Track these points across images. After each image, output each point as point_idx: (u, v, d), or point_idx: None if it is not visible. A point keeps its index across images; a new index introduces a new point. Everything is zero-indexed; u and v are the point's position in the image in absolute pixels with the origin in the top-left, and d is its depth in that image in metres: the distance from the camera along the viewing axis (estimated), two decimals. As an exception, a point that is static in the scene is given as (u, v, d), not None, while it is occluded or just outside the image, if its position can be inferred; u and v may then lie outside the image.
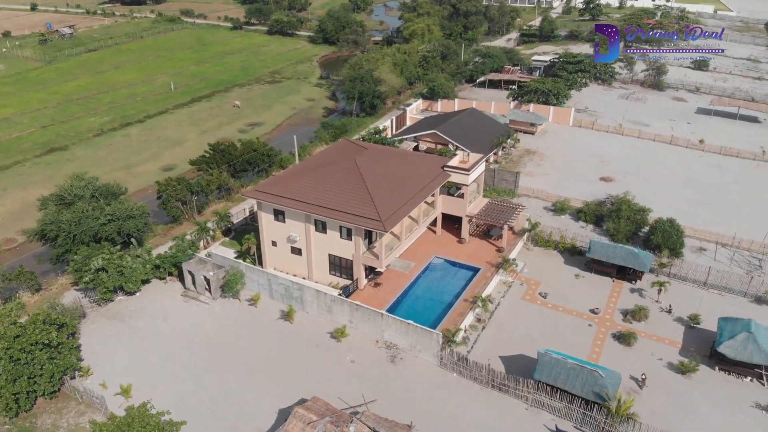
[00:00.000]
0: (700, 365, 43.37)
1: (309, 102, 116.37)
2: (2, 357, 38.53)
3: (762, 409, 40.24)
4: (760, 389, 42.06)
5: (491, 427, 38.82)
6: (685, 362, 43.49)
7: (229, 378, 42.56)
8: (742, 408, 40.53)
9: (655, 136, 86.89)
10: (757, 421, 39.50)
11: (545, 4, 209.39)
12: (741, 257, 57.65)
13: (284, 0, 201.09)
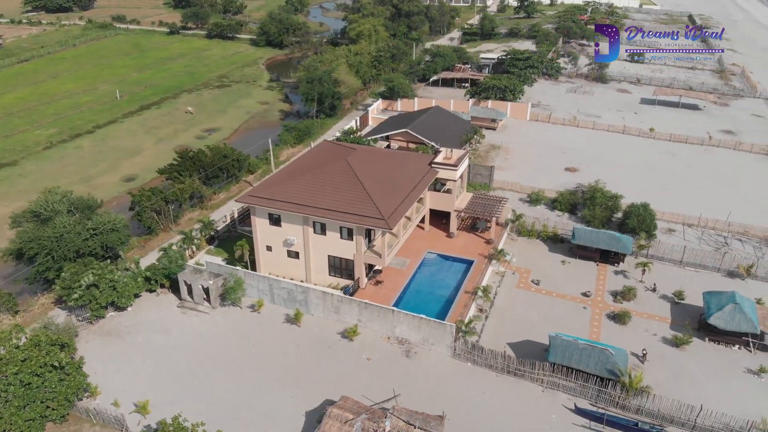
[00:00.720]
0: (692, 338, 46.34)
1: (263, 105, 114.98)
2: (12, 383, 36.65)
3: (754, 374, 43.48)
4: (748, 356, 45.38)
5: (512, 410, 40.18)
6: (679, 336, 46.38)
7: (247, 385, 42.08)
8: (735, 374, 43.67)
9: (608, 127, 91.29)
10: (751, 384, 42.67)
11: (480, 2, 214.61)
12: (708, 236, 61.68)
13: (218, 3, 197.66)
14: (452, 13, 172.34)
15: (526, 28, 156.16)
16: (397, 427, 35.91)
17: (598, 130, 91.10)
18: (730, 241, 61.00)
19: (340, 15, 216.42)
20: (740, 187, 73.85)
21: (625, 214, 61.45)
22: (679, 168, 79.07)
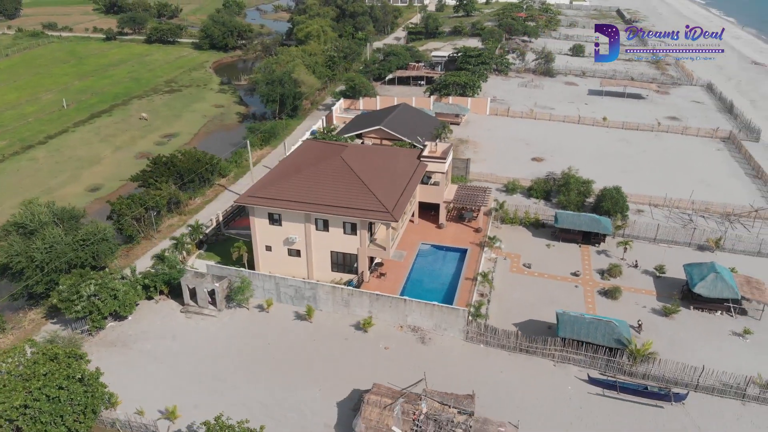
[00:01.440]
0: (680, 307, 49.96)
1: (218, 109, 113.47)
2: (38, 398, 35.52)
3: (739, 335, 47.41)
4: (730, 320, 49.37)
5: (530, 385, 42.26)
6: (668, 306, 49.91)
7: (271, 383, 42.33)
8: (722, 337, 47.49)
9: (564, 117, 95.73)
10: (738, 345, 46.55)
11: (418, 2, 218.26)
12: (674, 215, 66.19)
13: (152, 7, 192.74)
14: (395, 13, 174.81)
15: (469, 26, 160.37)
16: (432, 408, 37.29)
17: (554, 122, 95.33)
18: (694, 218, 65.66)
19: (277, 16, 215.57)
20: (693, 168, 79.34)
21: (599, 197, 65.03)
22: (634, 153, 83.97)
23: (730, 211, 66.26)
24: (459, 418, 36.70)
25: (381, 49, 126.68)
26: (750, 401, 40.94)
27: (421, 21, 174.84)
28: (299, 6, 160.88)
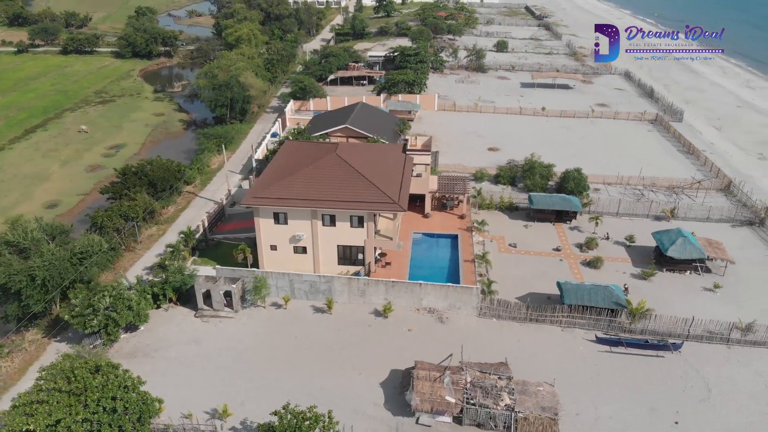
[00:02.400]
0: (656, 271, 55.87)
1: (159, 117, 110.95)
2: (96, 411, 35.29)
3: (710, 290, 53.83)
4: (699, 278, 55.85)
5: (546, 350, 46.31)
6: (646, 270, 55.72)
7: (309, 373, 43.77)
8: (696, 293, 53.78)
9: (507, 110, 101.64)
10: (711, 298, 52.96)
11: (334, 4, 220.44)
12: (627, 191, 72.94)
13: (60, 17, 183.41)
14: (319, 15, 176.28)
15: (395, 26, 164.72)
16: (475, 377, 40.40)
17: (499, 114, 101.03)
18: (645, 192, 72.69)
19: (192, 22, 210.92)
20: (629, 148, 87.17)
21: (562, 179, 70.58)
22: (575, 139, 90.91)
23: (675, 184, 73.84)
24: (501, 383, 40.00)
25: (317, 51, 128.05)
26: (733, 344, 47.01)
27: (344, 22, 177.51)
28: (223, 10, 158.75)
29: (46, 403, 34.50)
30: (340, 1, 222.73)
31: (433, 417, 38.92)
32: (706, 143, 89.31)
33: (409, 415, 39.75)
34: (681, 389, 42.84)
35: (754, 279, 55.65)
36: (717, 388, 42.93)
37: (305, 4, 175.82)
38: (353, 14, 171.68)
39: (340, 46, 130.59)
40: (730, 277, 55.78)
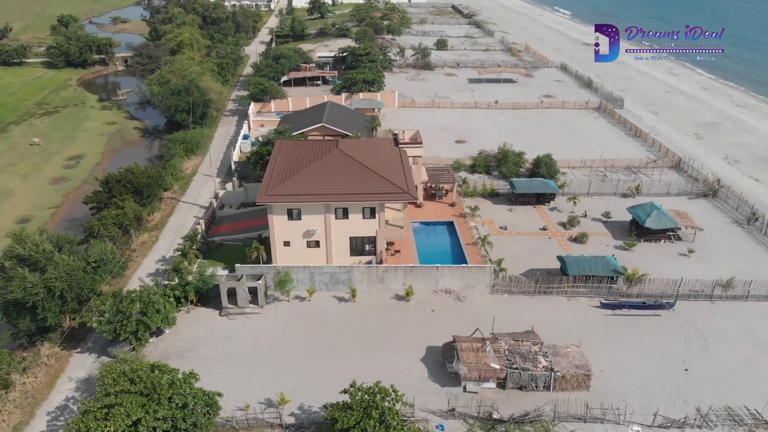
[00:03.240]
0: (636, 242, 61.60)
1: (112, 126, 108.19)
2: (170, 407, 36.05)
3: (685, 255, 60.05)
4: (672, 245, 62.01)
5: (557, 317, 50.52)
6: (627, 241, 61.35)
7: (350, 357, 45.83)
8: (674, 258, 59.83)
9: (463, 104, 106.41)
10: (687, 262, 59.11)
11: (264, 6, 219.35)
12: (592, 173, 79.02)
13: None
14: (255, 18, 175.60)
15: (335, 27, 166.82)
16: (510, 345, 43.99)
17: (456, 108, 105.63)
18: (608, 173, 79.04)
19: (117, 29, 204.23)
20: (582, 134, 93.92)
21: (534, 164, 75.64)
22: (532, 128, 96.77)
23: (632, 164, 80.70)
24: (534, 348, 43.78)
25: (267, 53, 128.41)
26: (716, 300, 53.04)
27: (281, 24, 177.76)
28: (158, 15, 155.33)
29: (120, 405, 34.96)
30: (269, 4, 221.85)
31: (479, 384, 42.12)
32: (648, 126, 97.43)
33: (456, 385, 42.80)
34: (682, 341, 48.19)
35: (720, 243, 62.47)
36: (711, 337, 48.58)
37: (241, 8, 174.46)
38: (292, 17, 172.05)
39: (290, 47, 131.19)
40: (699, 242, 62.31)
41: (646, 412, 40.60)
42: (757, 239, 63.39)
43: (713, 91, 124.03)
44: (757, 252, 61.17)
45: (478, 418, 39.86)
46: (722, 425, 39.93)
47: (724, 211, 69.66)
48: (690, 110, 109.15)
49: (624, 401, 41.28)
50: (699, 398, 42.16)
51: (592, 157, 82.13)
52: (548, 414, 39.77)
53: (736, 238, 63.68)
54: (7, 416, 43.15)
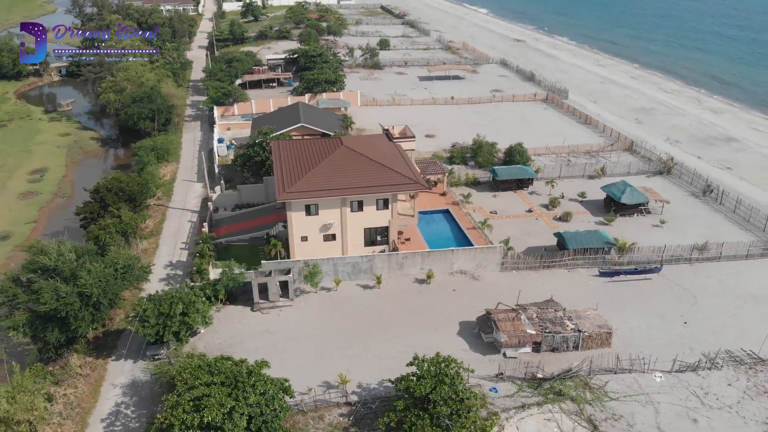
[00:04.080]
0: (615, 217, 68.00)
1: (66, 137, 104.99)
2: (253, 393, 37.72)
3: (657, 226, 66.98)
4: (644, 218, 68.89)
5: (565, 288, 55.48)
6: (607, 217, 67.68)
7: (389, 337, 48.84)
8: (649, 228, 66.62)
9: (422, 101, 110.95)
10: (661, 231, 66.02)
11: (192, 11, 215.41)
12: (557, 158, 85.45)
13: None
14: (190, 22, 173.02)
15: (275, 29, 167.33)
16: (537, 312, 48.56)
17: (416, 105, 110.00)
18: (571, 158, 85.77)
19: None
20: (536, 123, 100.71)
21: (507, 153, 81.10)
22: (491, 120, 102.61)
23: (590, 149, 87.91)
24: (559, 314, 48.55)
25: (216, 57, 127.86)
26: (694, 263, 59.96)
27: (216, 28, 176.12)
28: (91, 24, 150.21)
29: (209, 396, 36.36)
30: (197, 8, 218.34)
31: (516, 350, 46.38)
32: (594, 114, 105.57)
33: (495, 353, 46.87)
34: (674, 299, 54.51)
35: (684, 213, 70.01)
36: (698, 294, 55.20)
37: (177, 13, 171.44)
38: (231, 20, 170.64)
39: (242, 51, 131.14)
40: (666, 214, 69.56)
41: (662, 361, 46.13)
42: (714, 209, 71.48)
43: (641, 79, 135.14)
44: (717, 219, 69.10)
45: (525, 378, 44.08)
46: (727, 366, 46.09)
47: (679, 185, 77.72)
48: (624, 98, 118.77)
49: (641, 353, 46.69)
50: (702, 346, 48.28)
51: (554, 144, 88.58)
52: (584, 369, 44.52)
53: (697, 209, 71.52)
54: (59, 428, 43.15)
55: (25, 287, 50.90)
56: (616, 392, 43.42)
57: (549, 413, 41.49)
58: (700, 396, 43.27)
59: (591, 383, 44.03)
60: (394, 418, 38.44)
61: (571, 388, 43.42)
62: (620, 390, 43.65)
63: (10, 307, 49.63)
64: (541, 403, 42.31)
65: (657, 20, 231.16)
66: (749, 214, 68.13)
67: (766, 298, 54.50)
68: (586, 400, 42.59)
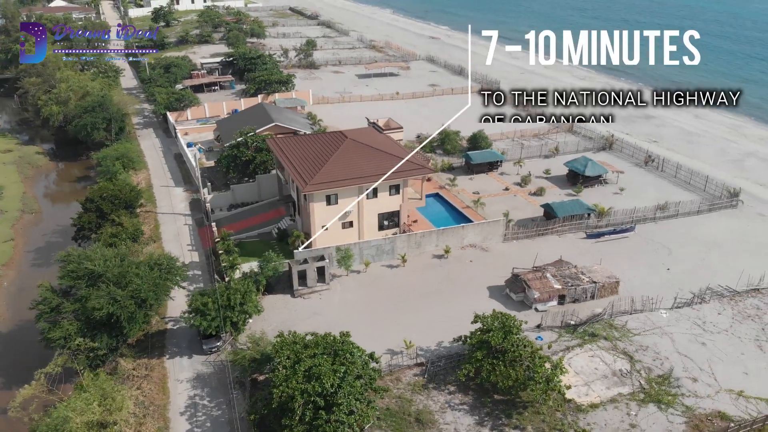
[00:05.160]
0: (582, 188, 76.80)
1: (8, 154, 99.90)
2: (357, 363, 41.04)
3: (617, 193, 76.47)
4: (604, 187, 78.28)
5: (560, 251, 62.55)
6: (576, 188, 76.32)
7: (432, 305, 53.86)
8: (610, 196, 75.73)
9: (370, 97, 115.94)
10: (621, 197, 75.44)
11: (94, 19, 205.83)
12: (514, 142, 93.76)
13: None
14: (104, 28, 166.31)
15: (195, 33, 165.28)
16: (556, 271, 55.50)
17: (365, 101, 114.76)
18: (524, 142, 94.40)
19: None
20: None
21: (471, 140, 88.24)
22: (439, 112, 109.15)
23: (537, 132, 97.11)
24: (573, 270, 55.78)
25: (153, 64, 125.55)
26: (658, 220, 69.67)
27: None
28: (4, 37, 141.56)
29: (318, 366, 39.48)
30: (99, 17, 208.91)
31: (545, 304, 52.99)
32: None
33: (526, 309, 53.22)
34: (652, 252, 63.63)
35: (635, 181, 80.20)
36: (670, 245, 64.65)
37: (89, 21, 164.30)
38: (150, 25, 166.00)
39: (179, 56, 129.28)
40: (622, 183, 79.43)
41: (661, 301, 54.47)
42: (659, 175, 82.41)
43: (555, 68, 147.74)
44: (663, 184, 79.89)
45: (561, 326, 50.74)
46: (712, 300, 55.29)
47: (622, 158, 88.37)
48: (546, 86, 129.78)
49: (643, 297, 54.79)
50: (687, 286, 57.20)
51: (506, 130, 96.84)
52: (608, 313, 51.93)
53: (644, 176, 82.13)
54: (140, 427, 44.07)
55: (69, 296, 50.91)
56: (636, 329, 51.18)
57: (590, 351, 48.40)
58: (700, 325, 51.96)
59: (614, 324, 51.48)
60: (471, 368, 43.55)
61: (600, 330, 50.64)
62: (638, 327, 51.46)
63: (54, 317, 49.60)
64: (581, 344, 49.14)
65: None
66: (689, 177, 79.43)
67: (724, 243, 64.98)
68: (615, 338, 49.95)
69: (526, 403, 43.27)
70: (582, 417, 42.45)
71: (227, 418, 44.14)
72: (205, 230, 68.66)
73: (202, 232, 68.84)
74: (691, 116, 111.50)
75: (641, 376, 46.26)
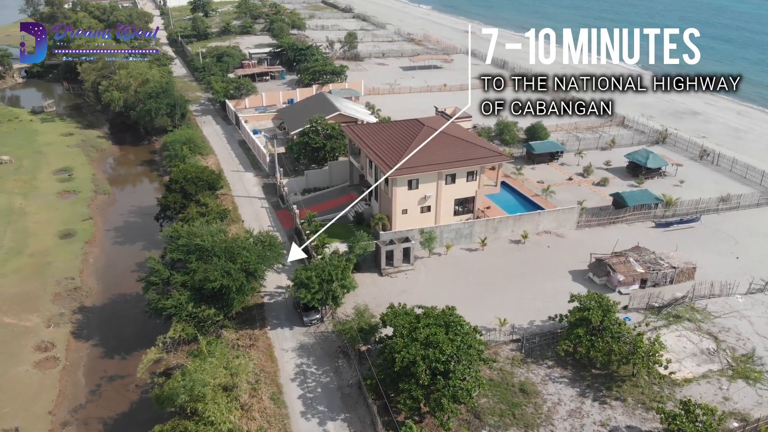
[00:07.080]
0: (644, 180, 78.75)
1: (70, 137, 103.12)
2: (470, 333, 43.46)
3: (678, 186, 78.33)
4: (664, 179, 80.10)
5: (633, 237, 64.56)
6: (638, 179, 78.32)
7: (518, 286, 56.26)
8: (672, 187, 77.46)
9: (420, 89, 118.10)
10: (681, 189, 77.26)
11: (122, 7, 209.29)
12: (569, 134, 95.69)
13: None
14: (146, 18, 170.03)
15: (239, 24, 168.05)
16: (638, 254, 57.69)
17: (414, 93, 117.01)
18: (578, 135, 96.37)
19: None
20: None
21: (529, 131, 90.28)
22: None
23: (591, 125, 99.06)
24: (652, 256, 57.95)
25: (210, 52, 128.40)
26: (721, 212, 71.59)
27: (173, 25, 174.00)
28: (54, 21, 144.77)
29: (437, 335, 41.88)
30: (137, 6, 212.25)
31: (628, 287, 55.23)
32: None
33: (609, 291, 55.38)
34: (719, 241, 65.61)
35: (693, 174, 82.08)
36: (736, 236, 66.60)
37: (135, 9, 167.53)
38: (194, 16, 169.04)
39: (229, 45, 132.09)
40: (681, 175, 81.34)
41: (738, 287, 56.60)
42: (714, 169, 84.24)
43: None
44: (720, 177, 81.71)
45: (646, 308, 53.01)
46: (782, 286, 57.45)
47: (677, 152, 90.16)
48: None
49: (718, 282, 56.87)
50: (758, 273, 59.24)
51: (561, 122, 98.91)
52: (690, 296, 54.13)
53: (701, 170, 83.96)
54: (256, 392, 46.62)
55: (178, 268, 53.70)
56: (716, 312, 53.34)
57: (677, 331, 50.64)
58: (775, 309, 54.11)
59: (695, 307, 53.67)
60: (570, 344, 45.93)
61: (683, 312, 52.86)
62: (718, 310, 53.62)
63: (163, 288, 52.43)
64: (666, 325, 51.40)
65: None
66: (745, 172, 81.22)
67: (788, 235, 67.03)
68: (698, 320, 52.16)
69: (624, 377, 45.63)
70: (678, 390, 44.74)
71: (336, 384, 46.71)
72: (283, 212, 71.29)
73: (281, 214, 71.46)
74: (734, 113, 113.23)
75: (727, 355, 48.48)
